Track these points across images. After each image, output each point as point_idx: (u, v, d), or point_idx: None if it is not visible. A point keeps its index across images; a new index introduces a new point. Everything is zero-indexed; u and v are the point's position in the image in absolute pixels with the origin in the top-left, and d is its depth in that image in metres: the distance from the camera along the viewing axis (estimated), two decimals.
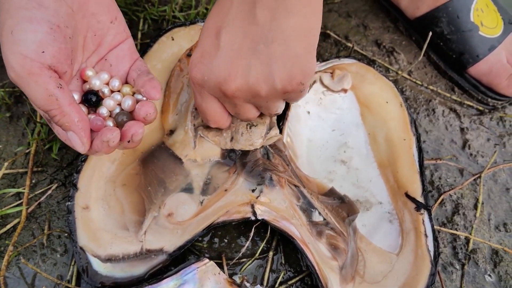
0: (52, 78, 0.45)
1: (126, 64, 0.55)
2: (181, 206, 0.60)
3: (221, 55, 0.49)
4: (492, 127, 0.79)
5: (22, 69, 0.44)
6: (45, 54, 0.44)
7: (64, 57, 0.47)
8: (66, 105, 0.46)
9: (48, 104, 0.45)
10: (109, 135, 0.47)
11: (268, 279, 0.61)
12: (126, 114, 0.51)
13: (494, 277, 0.65)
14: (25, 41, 0.44)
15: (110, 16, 0.52)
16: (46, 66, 0.45)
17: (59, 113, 0.46)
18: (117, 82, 0.53)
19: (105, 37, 0.52)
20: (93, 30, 0.51)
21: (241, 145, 0.62)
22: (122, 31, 0.54)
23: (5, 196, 0.62)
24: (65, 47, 0.46)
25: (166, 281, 0.54)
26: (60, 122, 0.46)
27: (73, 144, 0.48)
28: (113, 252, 0.56)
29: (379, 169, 0.68)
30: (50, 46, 0.45)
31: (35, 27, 0.44)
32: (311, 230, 0.60)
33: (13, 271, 0.58)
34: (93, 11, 0.50)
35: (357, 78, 0.71)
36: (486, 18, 0.77)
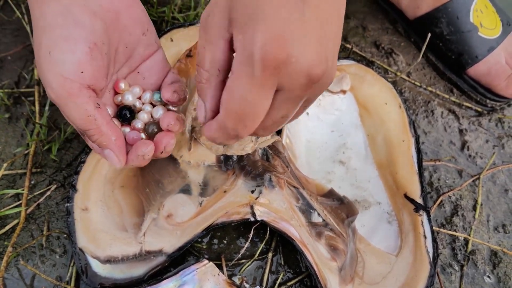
0: (91, 98, 0.45)
1: (158, 76, 0.54)
2: (180, 207, 0.60)
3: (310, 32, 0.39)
4: (490, 129, 0.79)
5: (62, 90, 0.43)
6: (84, 75, 0.44)
7: (102, 74, 0.47)
8: (104, 125, 0.46)
9: (86, 124, 0.45)
10: (144, 149, 0.48)
11: (268, 280, 0.61)
12: (156, 124, 0.52)
13: (493, 278, 0.65)
14: (64, 61, 0.44)
15: (142, 28, 0.51)
16: (85, 86, 0.45)
17: (97, 132, 0.46)
18: (148, 95, 0.53)
19: (136, 49, 0.52)
20: (125, 42, 0.50)
21: (234, 150, 0.62)
22: (153, 43, 0.53)
23: (4, 197, 0.62)
24: (102, 64, 0.46)
25: (166, 282, 0.54)
26: (98, 141, 0.46)
27: (109, 160, 0.48)
28: (112, 253, 0.56)
29: (378, 170, 0.68)
30: (89, 65, 0.45)
31: (73, 46, 0.44)
32: (310, 231, 0.60)
33: (12, 272, 0.58)
34: (125, 24, 0.50)
35: (356, 80, 0.71)
36: (486, 19, 0.78)
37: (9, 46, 0.75)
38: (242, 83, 0.39)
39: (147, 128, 0.52)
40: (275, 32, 0.37)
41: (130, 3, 0.50)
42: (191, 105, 0.64)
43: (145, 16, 0.52)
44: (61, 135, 0.66)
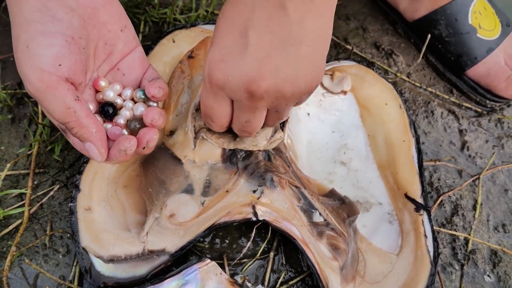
0: (69, 91, 0.45)
1: (138, 72, 0.55)
2: (183, 207, 0.60)
3: (250, 54, 0.46)
4: (490, 129, 0.80)
5: (40, 83, 0.44)
6: (62, 67, 0.45)
7: (80, 68, 0.47)
8: (83, 117, 0.46)
9: (66, 117, 0.45)
10: (127, 144, 0.48)
11: (269, 279, 0.61)
12: (138, 120, 0.52)
13: (493, 278, 0.66)
14: (41, 55, 0.44)
15: (120, 24, 0.52)
16: (64, 78, 0.45)
17: (77, 125, 0.46)
18: (129, 91, 0.53)
19: (115, 45, 0.53)
20: (104, 39, 0.51)
21: (246, 145, 0.63)
22: (132, 39, 0.54)
23: (7, 197, 0.63)
24: (80, 58, 0.47)
25: (168, 281, 0.54)
26: (78, 134, 0.47)
27: (90, 154, 0.48)
28: (115, 252, 0.56)
29: (379, 170, 0.68)
30: (66, 58, 0.45)
31: (51, 40, 0.45)
32: (312, 231, 0.61)
33: (15, 271, 0.58)
34: (104, 20, 0.50)
35: (357, 80, 0.72)
36: (484, 20, 0.78)
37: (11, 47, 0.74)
38: (203, 92, 0.52)
39: (129, 124, 0.52)
40: (218, 56, 0.48)
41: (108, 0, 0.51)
42: (193, 105, 0.65)
43: (122, 12, 0.53)
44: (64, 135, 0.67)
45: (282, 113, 0.53)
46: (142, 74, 0.55)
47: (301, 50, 0.47)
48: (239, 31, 0.47)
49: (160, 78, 0.54)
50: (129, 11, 0.78)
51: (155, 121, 0.51)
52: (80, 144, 0.49)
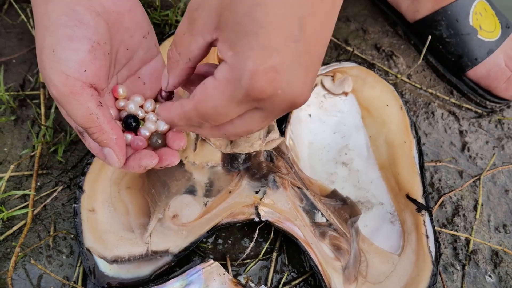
0: (93, 97, 0.45)
1: (159, 83, 0.55)
2: (186, 208, 0.61)
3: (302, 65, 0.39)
4: (490, 130, 0.80)
5: (65, 88, 0.44)
6: (87, 73, 0.45)
7: (104, 74, 0.47)
8: (105, 123, 0.46)
9: (88, 122, 0.46)
10: (149, 162, 0.48)
11: (272, 280, 0.61)
12: (161, 136, 0.52)
13: (495, 278, 0.66)
14: (67, 60, 0.44)
15: (143, 31, 0.52)
16: (88, 84, 0.45)
17: (99, 130, 0.46)
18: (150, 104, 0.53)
19: (136, 51, 0.53)
20: (126, 44, 0.51)
21: (242, 147, 0.63)
22: (153, 46, 0.54)
23: (11, 199, 0.63)
24: (104, 64, 0.47)
25: (172, 282, 0.54)
26: (99, 139, 0.47)
27: (108, 159, 0.48)
28: (119, 253, 0.56)
29: (380, 171, 0.68)
30: (92, 64, 0.45)
31: (77, 45, 0.45)
32: (314, 231, 0.61)
33: (19, 272, 0.59)
34: (127, 26, 0.50)
35: (358, 82, 0.72)
36: (485, 22, 0.79)
37: (14, 49, 0.75)
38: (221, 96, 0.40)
39: (151, 138, 0.52)
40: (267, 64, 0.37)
41: (132, 6, 0.51)
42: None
43: (146, 19, 0.53)
44: (67, 137, 0.67)
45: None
46: None
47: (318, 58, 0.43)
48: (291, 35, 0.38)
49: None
50: None
51: (179, 146, 0.52)
52: (97, 148, 0.49)
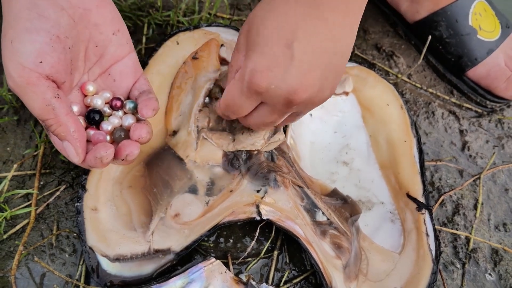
0: (49, 88, 0.45)
1: (129, 80, 0.55)
2: (187, 207, 0.61)
3: (295, 67, 0.49)
4: (490, 129, 0.80)
5: (21, 79, 0.44)
6: (43, 64, 0.45)
7: (63, 67, 0.47)
8: (62, 115, 0.46)
9: (44, 114, 0.45)
10: (103, 152, 0.47)
11: (273, 278, 0.62)
12: (124, 130, 0.52)
13: (495, 276, 0.67)
14: (23, 51, 0.44)
15: (113, 27, 0.52)
16: (44, 76, 0.45)
17: (55, 122, 0.46)
18: (119, 102, 0.53)
19: (107, 48, 0.53)
20: (95, 41, 0.51)
21: (244, 144, 0.63)
22: (124, 43, 0.54)
23: (14, 198, 0.63)
24: (64, 57, 0.47)
25: (174, 280, 0.55)
26: (56, 132, 0.47)
27: (68, 154, 0.48)
28: (121, 252, 0.57)
29: (381, 170, 0.69)
30: (49, 56, 0.45)
31: (34, 37, 0.45)
32: (315, 230, 0.61)
33: (22, 271, 0.59)
34: (95, 22, 0.51)
35: (358, 81, 0.73)
36: (484, 22, 0.79)
37: None
38: (234, 90, 0.54)
39: (114, 133, 0.52)
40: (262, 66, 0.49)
41: (101, 2, 0.51)
42: (196, 106, 0.66)
43: (116, 16, 0.53)
44: None
45: (300, 115, 0.58)
46: (133, 82, 0.55)
47: (334, 61, 0.51)
48: (285, 43, 0.49)
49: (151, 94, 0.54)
50: (133, 13, 0.79)
51: (142, 139, 0.51)
52: (59, 144, 0.48)
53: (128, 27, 0.77)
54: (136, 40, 0.78)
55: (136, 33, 0.79)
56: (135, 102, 0.53)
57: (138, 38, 0.78)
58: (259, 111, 0.55)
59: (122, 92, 0.55)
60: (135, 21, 0.80)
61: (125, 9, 0.78)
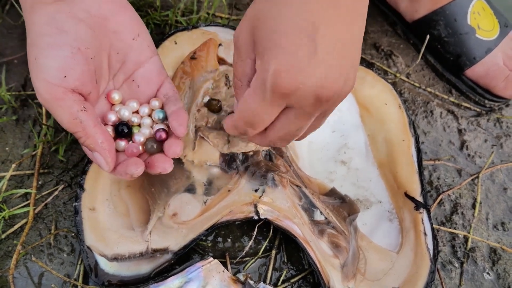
0: (76, 102, 0.46)
1: (154, 85, 0.55)
2: (185, 206, 0.61)
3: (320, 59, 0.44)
4: (489, 128, 0.80)
5: (48, 95, 0.45)
6: (68, 79, 0.46)
7: (88, 78, 0.48)
8: (90, 127, 0.47)
9: (73, 127, 0.47)
10: (134, 170, 0.49)
11: (271, 277, 0.62)
12: (156, 142, 0.53)
13: (493, 275, 0.67)
14: (47, 67, 0.45)
15: (133, 33, 0.53)
16: (70, 90, 0.46)
17: (84, 135, 0.47)
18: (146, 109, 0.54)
19: (128, 54, 0.53)
20: (115, 48, 0.52)
21: (238, 147, 0.63)
22: (146, 48, 0.54)
23: (12, 197, 0.63)
24: (87, 68, 0.48)
25: (172, 279, 0.55)
26: (86, 143, 0.48)
27: (98, 163, 0.49)
28: (119, 251, 0.57)
29: (379, 169, 0.69)
30: (72, 70, 0.46)
31: (56, 52, 0.46)
32: (313, 229, 0.61)
33: (20, 270, 0.59)
34: (114, 29, 0.51)
35: (357, 80, 0.72)
36: (483, 21, 0.79)
37: (16, 50, 0.76)
38: (254, 100, 0.46)
39: (146, 144, 0.53)
40: (286, 64, 0.43)
41: (118, 8, 0.52)
42: (194, 106, 0.66)
43: (135, 21, 0.53)
44: (68, 136, 0.67)
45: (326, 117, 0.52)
46: (158, 86, 0.56)
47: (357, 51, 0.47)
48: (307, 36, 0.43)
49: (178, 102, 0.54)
50: None
51: (176, 155, 0.52)
52: (90, 153, 0.50)
53: None
54: None
55: None
56: (164, 112, 0.54)
57: None
58: (283, 120, 0.49)
59: (147, 98, 0.55)
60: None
61: None
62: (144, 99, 0.55)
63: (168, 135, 0.54)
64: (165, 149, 0.53)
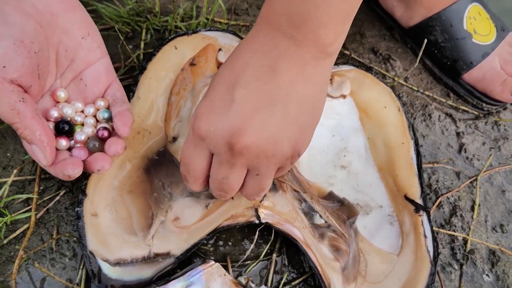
0: (13, 92, 0.46)
1: (101, 85, 0.56)
2: (187, 211, 0.62)
3: (235, 109, 0.46)
4: (487, 131, 0.81)
5: None
6: (7, 69, 0.46)
7: (29, 71, 0.48)
8: (28, 118, 0.47)
9: (10, 117, 0.46)
10: (70, 171, 0.49)
11: (272, 280, 0.62)
12: (98, 140, 0.53)
13: (492, 277, 0.67)
14: None
15: (82, 32, 0.53)
16: (8, 80, 0.46)
17: (21, 126, 0.47)
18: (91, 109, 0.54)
19: (77, 53, 0.53)
20: (64, 45, 0.52)
21: None
22: (96, 48, 0.54)
23: (14, 203, 0.64)
24: (29, 62, 0.47)
25: (174, 283, 0.55)
26: (23, 135, 0.48)
27: (36, 157, 0.49)
28: (122, 256, 0.57)
29: (379, 173, 0.69)
30: (13, 61, 0.46)
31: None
32: (313, 233, 0.62)
33: (22, 275, 0.59)
34: (64, 26, 0.51)
35: (356, 84, 0.73)
36: (479, 25, 0.80)
37: None
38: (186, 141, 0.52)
39: (88, 143, 0.53)
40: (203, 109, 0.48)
41: (69, 7, 0.52)
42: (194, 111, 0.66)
43: (86, 20, 0.54)
44: None
45: (263, 177, 0.51)
46: (105, 87, 0.56)
47: (288, 111, 0.47)
48: (227, 87, 0.47)
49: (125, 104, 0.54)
50: (131, 19, 0.80)
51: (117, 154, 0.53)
52: (29, 148, 0.49)
53: (127, 33, 0.78)
54: (135, 45, 0.78)
55: (134, 38, 0.79)
56: (109, 112, 0.54)
57: (137, 43, 0.79)
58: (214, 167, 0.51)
59: (94, 98, 0.55)
60: (134, 26, 0.80)
61: (123, 14, 0.79)
62: (91, 99, 0.55)
63: (111, 135, 0.54)
64: (106, 147, 0.53)
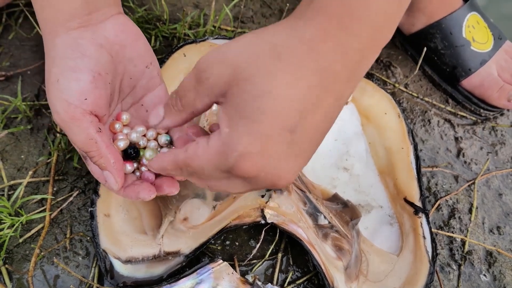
0: (92, 123, 0.49)
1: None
2: (195, 211, 0.64)
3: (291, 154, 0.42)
4: (484, 136, 0.84)
5: (66, 114, 0.48)
6: (87, 101, 0.48)
7: (104, 102, 0.50)
8: (104, 148, 0.49)
9: (88, 146, 0.49)
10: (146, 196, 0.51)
11: (278, 279, 0.64)
12: None
13: (489, 277, 0.69)
14: (69, 89, 0.48)
15: (146, 61, 0.55)
16: (88, 111, 0.49)
17: (97, 154, 0.49)
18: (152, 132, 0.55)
19: (139, 80, 0.55)
20: (129, 74, 0.54)
21: None
22: (156, 76, 0.57)
23: (28, 203, 0.66)
24: (105, 93, 0.50)
25: (184, 281, 0.57)
26: (98, 163, 0.50)
27: (108, 182, 0.51)
28: (133, 254, 0.59)
29: (379, 176, 0.72)
30: (92, 93, 0.49)
31: (78, 75, 0.48)
32: (317, 233, 0.64)
33: (36, 273, 0.62)
34: (130, 56, 0.54)
35: (357, 91, 0.75)
36: (477, 34, 0.82)
37: (29, 61, 0.79)
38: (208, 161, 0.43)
39: None
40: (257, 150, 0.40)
41: (135, 37, 0.54)
42: (203, 117, 0.69)
43: (148, 50, 0.56)
44: None
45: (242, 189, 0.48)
46: None
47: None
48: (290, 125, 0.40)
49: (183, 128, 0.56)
50: (140, 26, 0.82)
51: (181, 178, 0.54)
52: (98, 172, 0.52)
53: None
54: None
55: None
56: (170, 136, 0.56)
57: None
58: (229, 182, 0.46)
59: None
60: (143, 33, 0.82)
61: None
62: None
63: None
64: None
